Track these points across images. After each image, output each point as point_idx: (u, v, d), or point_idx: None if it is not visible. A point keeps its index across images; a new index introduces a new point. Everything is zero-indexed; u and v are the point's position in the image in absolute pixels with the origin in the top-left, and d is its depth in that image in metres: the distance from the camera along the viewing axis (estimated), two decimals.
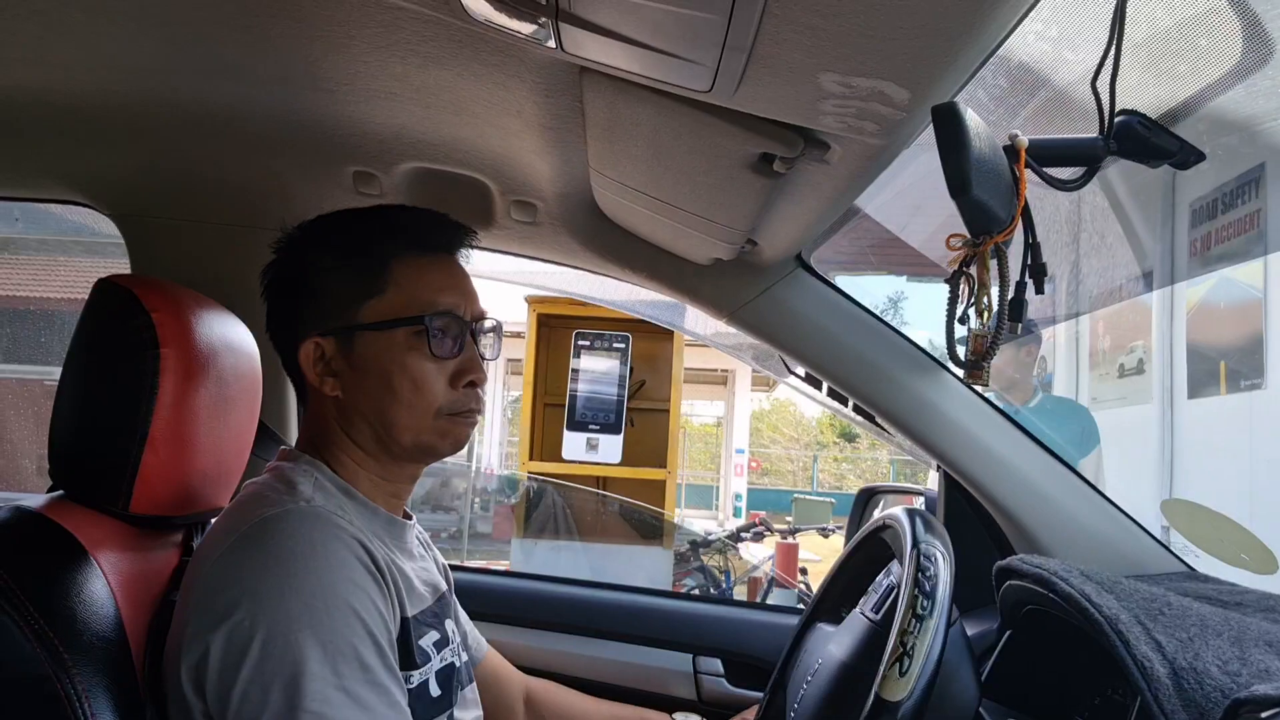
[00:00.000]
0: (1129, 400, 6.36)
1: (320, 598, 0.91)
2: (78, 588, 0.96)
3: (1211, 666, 0.96)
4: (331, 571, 0.94)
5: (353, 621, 0.92)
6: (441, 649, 1.11)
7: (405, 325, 1.08)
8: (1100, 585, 1.12)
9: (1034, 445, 1.55)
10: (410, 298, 1.09)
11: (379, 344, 1.08)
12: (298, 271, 1.13)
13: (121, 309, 1.05)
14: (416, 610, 1.08)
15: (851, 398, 1.63)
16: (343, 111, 1.29)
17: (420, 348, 1.08)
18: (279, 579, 0.92)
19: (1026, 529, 1.55)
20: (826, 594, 1.38)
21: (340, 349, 1.09)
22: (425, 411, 1.08)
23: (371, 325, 1.08)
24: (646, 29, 0.81)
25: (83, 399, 1.06)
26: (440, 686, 1.08)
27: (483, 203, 1.53)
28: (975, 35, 0.74)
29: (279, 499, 1.01)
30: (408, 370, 1.07)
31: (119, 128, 1.39)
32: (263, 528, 0.96)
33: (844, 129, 0.91)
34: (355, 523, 1.03)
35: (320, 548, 0.95)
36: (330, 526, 0.98)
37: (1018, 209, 0.87)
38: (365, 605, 0.94)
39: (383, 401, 1.08)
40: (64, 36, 1.13)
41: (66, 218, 3.25)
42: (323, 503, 1.02)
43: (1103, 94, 0.87)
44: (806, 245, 1.47)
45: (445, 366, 1.09)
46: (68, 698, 0.90)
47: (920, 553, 1.06)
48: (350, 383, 1.09)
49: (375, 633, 0.94)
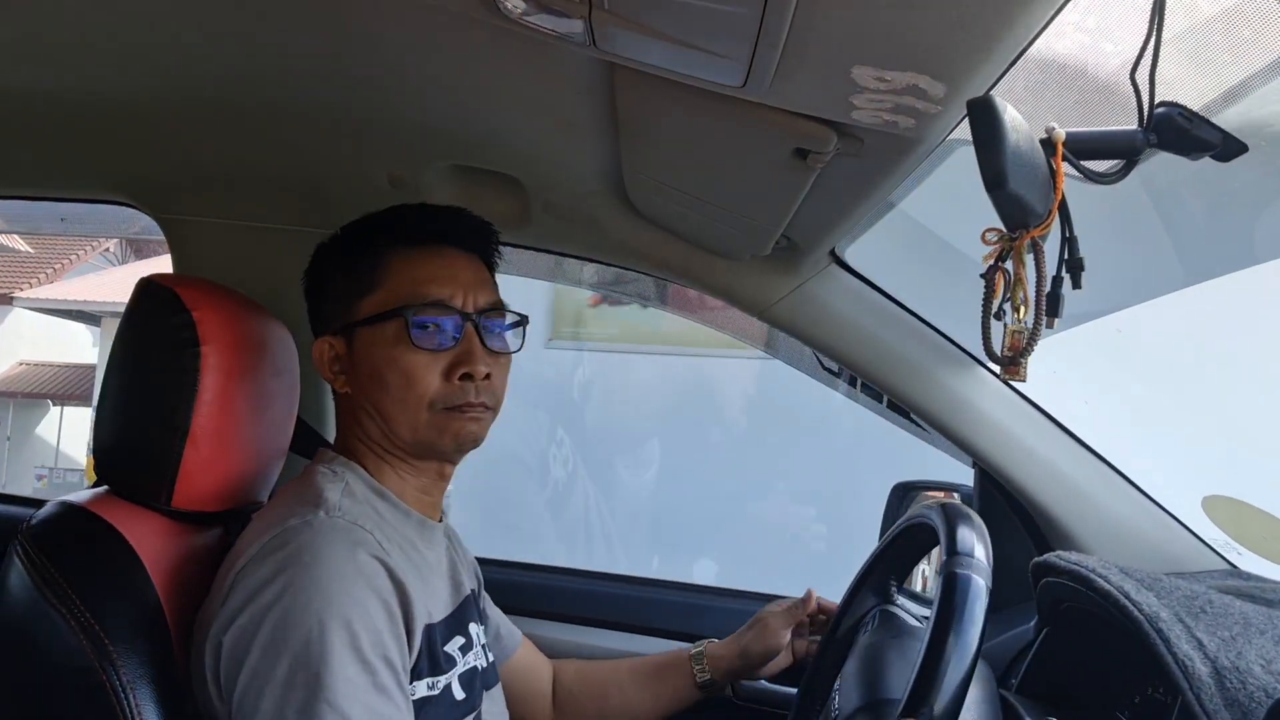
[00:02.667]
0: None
1: (319, 609, 0.93)
2: (122, 581, 0.99)
3: (1255, 665, 0.95)
4: (335, 583, 0.94)
5: (343, 636, 0.92)
6: (466, 653, 1.11)
7: (390, 319, 1.08)
8: (1140, 583, 1.10)
9: (1071, 441, 1.53)
10: (397, 291, 1.10)
11: (372, 339, 1.10)
12: (315, 275, 1.19)
13: (163, 308, 1.07)
14: (441, 616, 1.09)
15: (886, 394, 1.62)
16: (378, 111, 1.30)
17: (406, 340, 1.08)
18: (283, 587, 0.94)
19: (1064, 525, 1.53)
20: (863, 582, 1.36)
21: (346, 347, 1.12)
22: (416, 405, 1.08)
23: (364, 321, 1.10)
24: (680, 25, 0.81)
25: (126, 396, 1.09)
26: (464, 689, 1.09)
27: (516, 201, 1.54)
28: (1011, 27, 0.73)
29: (303, 509, 1.01)
30: (397, 364, 1.08)
31: (160, 129, 1.41)
32: (282, 539, 0.98)
33: (878, 123, 0.90)
34: (381, 530, 1.03)
35: (331, 562, 0.95)
36: (347, 542, 0.98)
37: (1054, 203, 0.86)
38: (364, 624, 0.94)
39: (377, 396, 1.10)
40: (105, 38, 1.15)
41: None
42: (349, 510, 1.02)
43: (1142, 85, 0.86)
44: (841, 241, 1.46)
45: (438, 359, 1.08)
46: (112, 689, 0.92)
47: (955, 563, 1.01)
48: (354, 380, 1.12)
49: (364, 650, 0.93)
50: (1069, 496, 1.52)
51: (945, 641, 0.94)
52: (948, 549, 1.05)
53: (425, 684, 1.03)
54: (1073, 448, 1.53)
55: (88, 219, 8.70)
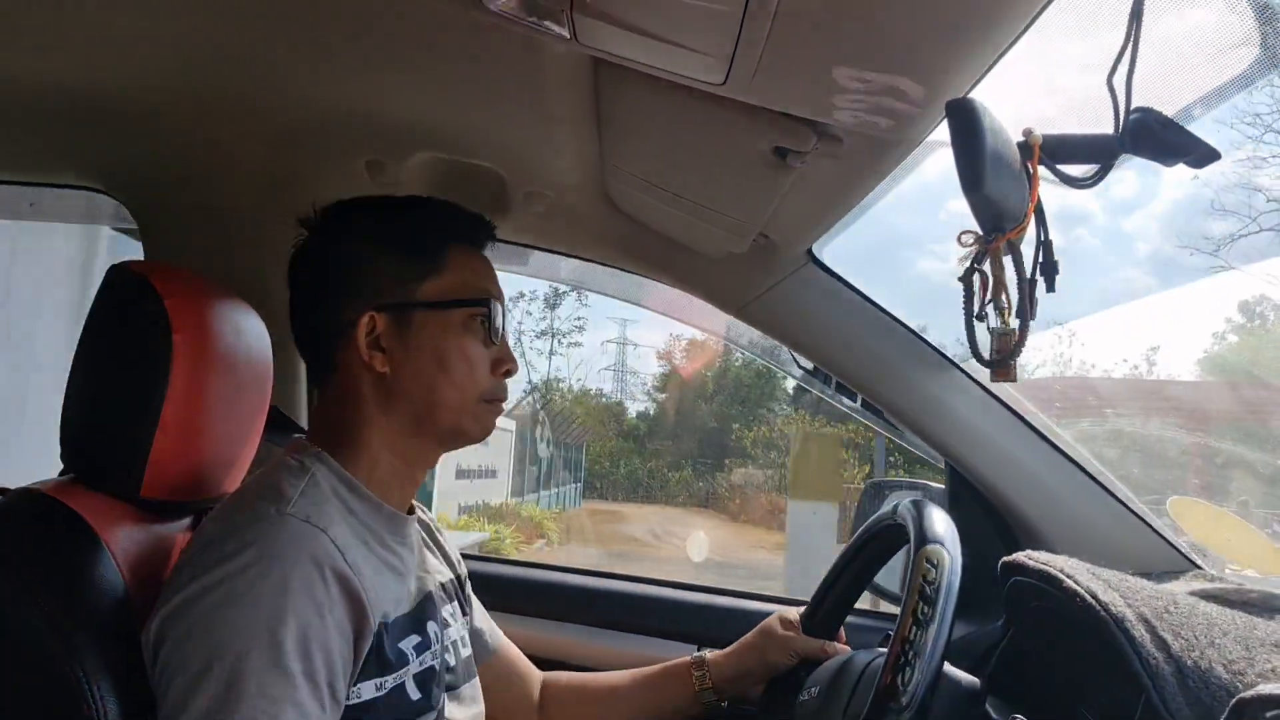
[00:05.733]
0: None
1: (250, 614, 0.91)
2: (87, 570, 0.97)
3: (1217, 666, 0.96)
4: (270, 586, 0.92)
5: (264, 641, 0.90)
6: (422, 652, 1.09)
7: (466, 307, 1.12)
8: (1107, 583, 1.11)
9: (1042, 442, 1.55)
10: (465, 282, 1.13)
11: (437, 323, 1.11)
12: (339, 251, 1.14)
13: (135, 295, 1.06)
14: (397, 614, 1.07)
15: (860, 393, 1.63)
16: (358, 101, 1.29)
17: (475, 331, 1.12)
18: (219, 585, 0.92)
19: (1033, 525, 1.55)
20: (842, 571, 1.38)
21: (394, 325, 1.10)
22: (471, 393, 1.12)
23: (431, 304, 1.10)
24: (662, 21, 0.81)
25: (95, 383, 1.07)
26: (419, 689, 1.07)
27: (496, 193, 1.53)
28: (991, 31, 0.74)
29: (259, 505, 0.99)
30: (464, 351, 1.11)
31: (135, 115, 1.40)
32: (229, 535, 0.96)
33: (858, 124, 0.91)
34: (345, 524, 1.02)
35: (271, 563, 0.93)
36: (293, 543, 0.96)
37: (1030, 205, 0.87)
38: (292, 632, 0.92)
39: (434, 380, 1.10)
40: (80, 25, 1.13)
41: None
42: (306, 509, 1.00)
43: (1118, 91, 0.86)
44: (819, 240, 1.47)
45: (489, 353, 1.13)
46: (76, 678, 0.91)
47: (925, 556, 1.06)
48: (400, 359, 1.10)
49: (287, 659, 0.91)
50: (1039, 496, 1.54)
51: (919, 609, 1.00)
52: (917, 535, 1.09)
53: (373, 684, 1.01)
54: (1043, 449, 1.55)
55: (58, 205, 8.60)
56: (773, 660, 1.38)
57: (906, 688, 0.95)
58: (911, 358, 1.55)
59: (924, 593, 1.02)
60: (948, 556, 1.06)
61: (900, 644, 0.99)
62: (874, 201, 1.31)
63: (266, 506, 0.99)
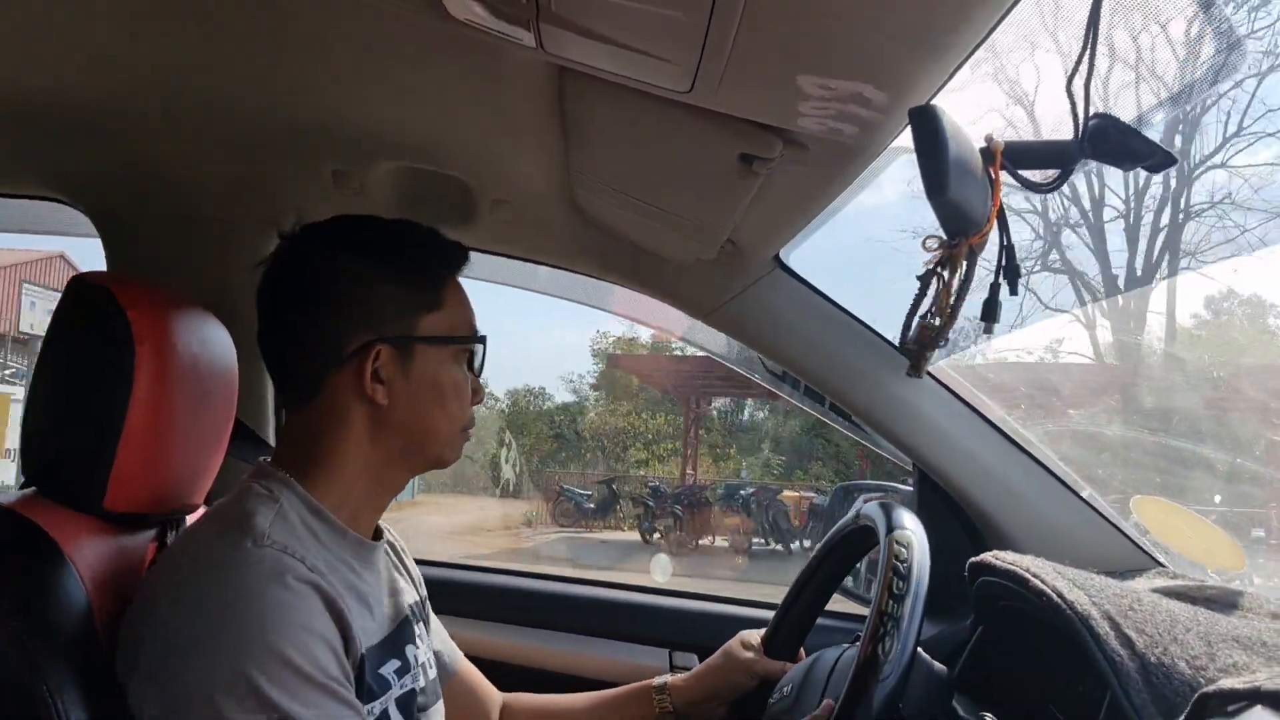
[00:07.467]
0: None
1: (244, 648, 0.89)
2: (50, 585, 0.96)
3: (1180, 662, 0.98)
4: (258, 620, 0.91)
5: (286, 654, 0.90)
6: (402, 675, 1.09)
7: (461, 343, 1.12)
8: (1072, 582, 1.13)
9: (1009, 444, 1.56)
10: (459, 317, 1.13)
11: (435, 357, 1.10)
12: (338, 275, 1.08)
13: (97, 306, 1.04)
14: (376, 640, 1.06)
15: (828, 397, 1.64)
16: (322, 110, 1.28)
17: (462, 363, 1.13)
18: (204, 626, 0.91)
19: (1000, 526, 1.57)
20: (803, 588, 1.39)
21: (396, 358, 1.07)
22: (458, 424, 1.13)
23: (432, 339, 1.09)
24: (627, 30, 0.81)
25: (57, 396, 1.05)
26: (401, 713, 1.07)
27: (462, 201, 1.53)
28: (953, 38, 0.75)
29: (231, 536, 0.97)
30: (458, 385, 1.12)
31: (96, 124, 1.38)
32: (200, 572, 0.95)
33: (823, 130, 0.91)
34: (316, 553, 1.00)
35: (255, 599, 0.92)
36: (272, 574, 0.94)
37: (993, 210, 0.88)
38: (295, 656, 0.91)
39: (430, 412, 1.09)
40: (41, 32, 1.11)
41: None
42: (279, 537, 0.98)
43: (1077, 97, 0.88)
44: (786, 246, 1.48)
45: (470, 384, 1.14)
46: (40, 693, 0.89)
47: (894, 539, 1.10)
48: (399, 391, 1.07)
49: (318, 657, 0.91)
50: (1006, 498, 1.56)
51: (894, 584, 1.03)
52: (885, 525, 1.14)
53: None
54: (1010, 451, 1.56)
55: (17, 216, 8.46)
56: (735, 682, 1.38)
57: (888, 656, 0.98)
58: (879, 361, 1.56)
59: (897, 570, 1.06)
60: (917, 540, 1.10)
61: (878, 616, 1.02)
62: (840, 207, 1.32)
63: (242, 539, 0.96)
